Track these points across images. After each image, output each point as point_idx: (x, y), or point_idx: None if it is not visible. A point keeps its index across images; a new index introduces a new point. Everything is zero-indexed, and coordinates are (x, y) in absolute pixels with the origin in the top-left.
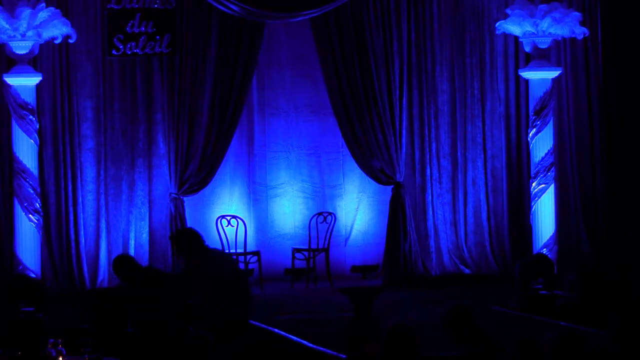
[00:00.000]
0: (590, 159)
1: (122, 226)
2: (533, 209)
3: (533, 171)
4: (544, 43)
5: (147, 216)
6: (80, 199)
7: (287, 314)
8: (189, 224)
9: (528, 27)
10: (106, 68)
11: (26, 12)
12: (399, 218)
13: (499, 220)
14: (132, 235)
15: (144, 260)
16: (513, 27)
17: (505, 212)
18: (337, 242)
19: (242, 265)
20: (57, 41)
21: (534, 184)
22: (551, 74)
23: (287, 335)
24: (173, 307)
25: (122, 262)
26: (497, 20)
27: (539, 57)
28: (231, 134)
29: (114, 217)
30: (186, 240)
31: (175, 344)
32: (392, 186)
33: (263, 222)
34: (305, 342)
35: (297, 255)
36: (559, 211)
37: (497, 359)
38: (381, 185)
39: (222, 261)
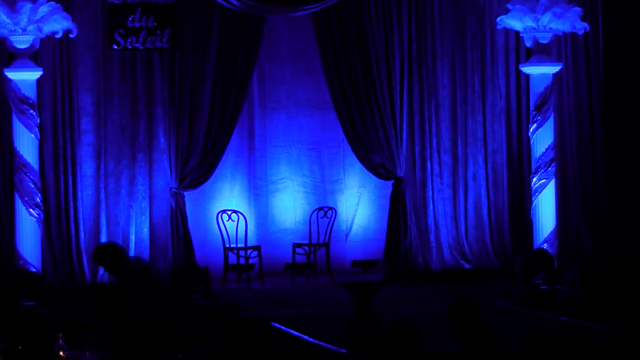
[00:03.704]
0: (590, 154)
1: (123, 220)
2: (534, 204)
3: (534, 166)
4: (544, 38)
5: (148, 211)
6: (80, 194)
7: (287, 309)
8: (189, 219)
9: (529, 22)
10: (107, 63)
11: (27, 6)
12: (400, 213)
13: (500, 216)
14: (132, 229)
15: (145, 255)
16: (514, 22)
17: (506, 207)
18: (337, 237)
19: (242, 260)
20: (58, 36)
21: (534, 179)
22: (552, 69)
23: (288, 329)
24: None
25: (109, 252)
26: (498, 15)
27: (540, 52)
28: (232, 129)
29: (114, 211)
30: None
31: (172, 341)
32: (392, 181)
33: (264, 216)
34: (305, 336)
35: (298, 250)
36: (559, 206)
37: (498, 355)
38: (382, 180)
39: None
